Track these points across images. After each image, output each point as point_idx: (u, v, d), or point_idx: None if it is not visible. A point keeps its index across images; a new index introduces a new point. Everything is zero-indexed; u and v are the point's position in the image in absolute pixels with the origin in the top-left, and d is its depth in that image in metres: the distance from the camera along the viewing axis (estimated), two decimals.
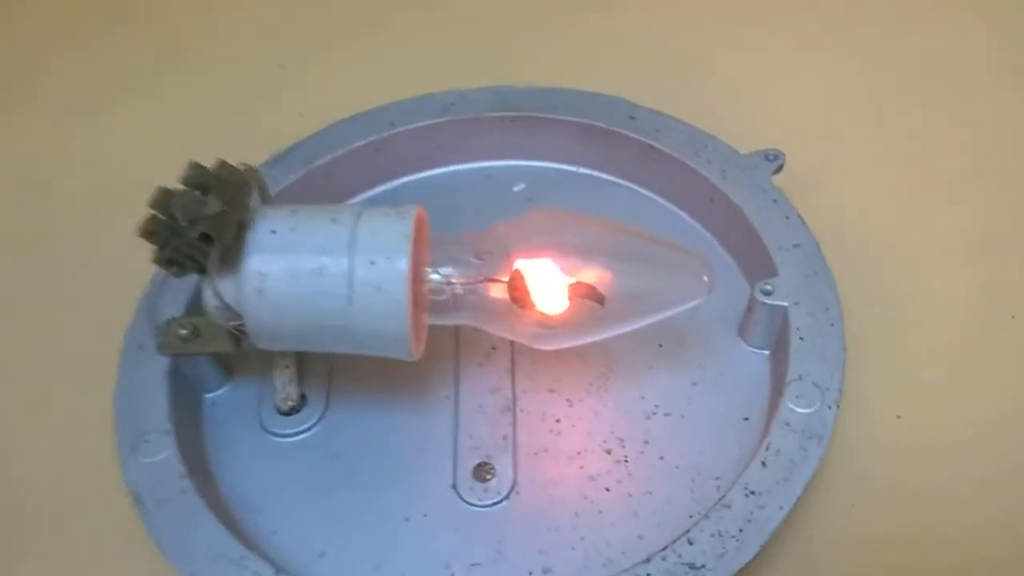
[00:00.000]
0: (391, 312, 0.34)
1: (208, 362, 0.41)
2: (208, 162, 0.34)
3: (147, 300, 0.42)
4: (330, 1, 0.66)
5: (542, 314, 0.37)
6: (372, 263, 0.34)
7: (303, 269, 0.34)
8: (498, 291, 0.37)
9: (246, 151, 0.45)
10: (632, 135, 0.47)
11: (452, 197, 0.50)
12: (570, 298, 0.36)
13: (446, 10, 0.64)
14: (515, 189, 0.50)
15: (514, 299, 0.37)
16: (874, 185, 0.50)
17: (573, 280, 0.36)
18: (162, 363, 0.40)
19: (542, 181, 0.50)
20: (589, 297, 0.36)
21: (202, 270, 0.34)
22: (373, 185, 0.51)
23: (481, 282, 0.36)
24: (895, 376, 0.42)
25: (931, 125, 0.53)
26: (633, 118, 0.48)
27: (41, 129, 0.59)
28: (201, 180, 0.33)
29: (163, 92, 0.60)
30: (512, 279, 0.36)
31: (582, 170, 0.50)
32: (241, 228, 0.34)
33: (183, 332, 0.39)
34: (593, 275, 0.36)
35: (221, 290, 0.35)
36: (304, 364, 0.42)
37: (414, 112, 0.50)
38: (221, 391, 0.42)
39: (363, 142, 0.49)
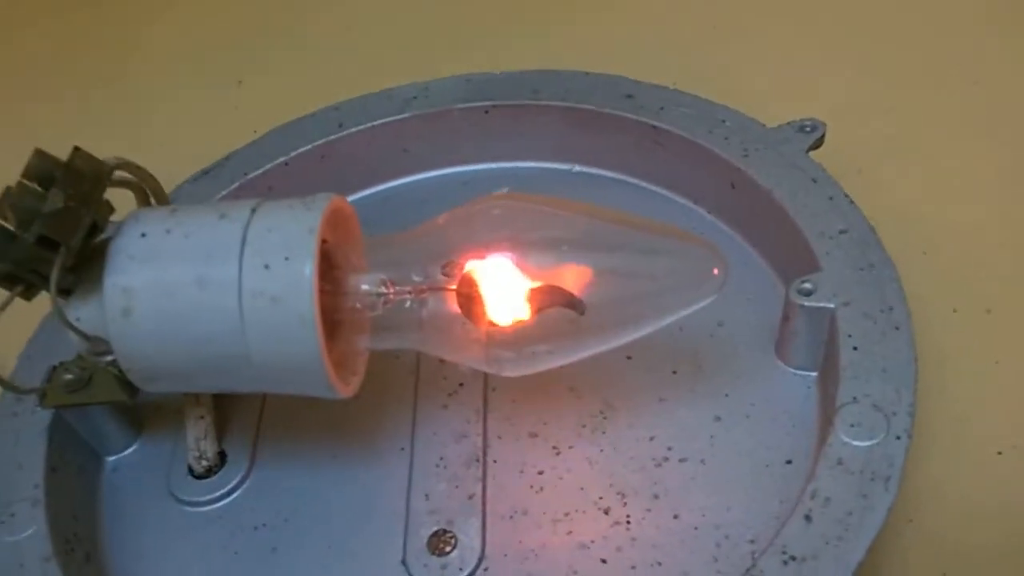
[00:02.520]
0: (294, 330, 0.27)
1: (110, 417, 0.35)
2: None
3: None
4: (290, 16, 0.63)
5: (502, 330, 0.29)
6: (266, 267, 0.27)
7: (180, 280, 0.27)
8: (444, 302, 0.30)
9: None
10: (630, 116, 0.40)
11: (421, 211, 0.44)
12: (538, 307, 0.29)
13: (413, 17, 0.60)
14: None
15: (465, 312, 0.30)
16: (945, 165, 0.43)
17: (541, 284, 0.29)
18: (42, 418, 0.33)
19: (529, 184, 0.44)
20: (563, 304, 0.29)
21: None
22: None
23: (420, 292, 0.29)
24: (992, 398, 0.34)
25: (1016, 92, 0.45)
26: (631, 96, 0.41)
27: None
28: (46, 172, 0.27)
29: (117, 109, 0.58)
30: (461, 286, 0.29)
31: (576, 167, 0.44)
32: (96, 230, 0.27)
33: (68, 378, 0.32)
34: (568, 276, 0.29)
35: (81, 315, 0.28)
36: (226, 412, 0.36)
37: (368, 110, 0.44)
38: (128, 452, 0.36)
39: (306, 148, 0.43)
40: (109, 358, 0.29)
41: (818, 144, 0.38)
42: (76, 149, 0.28)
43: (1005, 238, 0.39)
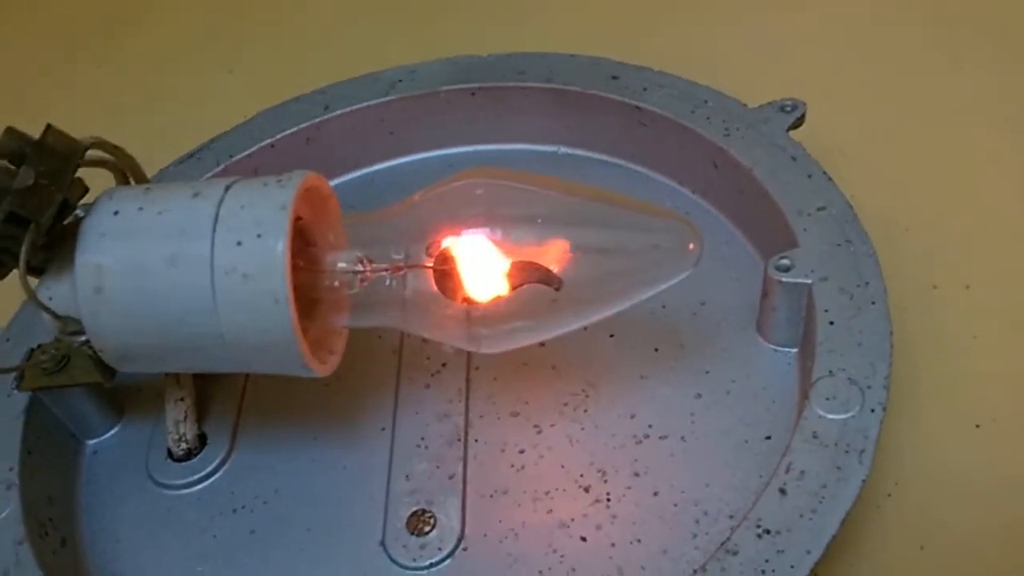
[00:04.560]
0: (267, 308, 0.27)
1: (89, 400, 0.35)
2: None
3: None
4: (281, 3, 0.63)
5: (480, 306, 0.29)
6: (239, 244, 0.27)
7: (153, 258, 0.27)
8: (422, 280, 0.30)
9: None
10: (615, 97, 0.40)
11: (407, 193, 0.43)
12: (515, 283, 0.29)
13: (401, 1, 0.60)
14: None
15: (442, 289, 0.29)
16: (929, 145, 0.43)
17: (517, 260, 0.29)
18: (19, 400, 0.33)
19: (515, 166, 0.44)
20: (539, 281, 0.29)
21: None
22: None
23: (397, 269, 0.29)
24: (970, 372, 0.34)
25: (997, 73, 0.45)
26: (616, 78, 0.41)
27: None
28: (17, 148, 0.27)
29: (105, 97, 0.58)
30: (438, 263, 0.29)
31: (562, 149, 0.43)
32: (67, 209, 0.27)
33: (45, 360, 0.32)
34: (544, 252, 0.29)
35: (54, 294, 0.28)
36: (208, 393, 0.36)
37: (354, 93, 0.44)
38: (108, 435, 0.36)
39: (292, 130, 0.43)
40: (82, 338, 0.29)
41: (798, 123, 0.37)
42: (48, 127, 0.28)
43: (985, 215, 0.39)
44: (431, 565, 0.30)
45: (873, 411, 0.27)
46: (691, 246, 0.29)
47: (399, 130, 0.44)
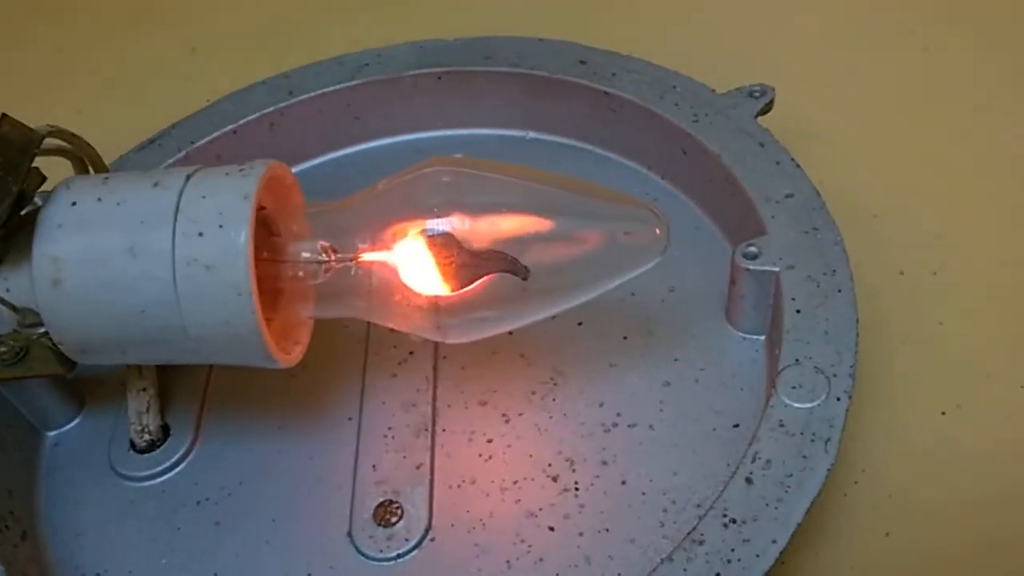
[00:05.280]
0: (230, 300, 0.27)
1: (50, 391, 0.35)
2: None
3: None
4: None
5: (446, 296, 0.29)
6: (200, 235, 0.27)
7: (112, 249, 0.27)
8: (388, 270, 0.29)
9: None
10: (583, 82, 0.40)
11: (374, 179, 0.43)
12: (482, 273, 0.29)
13: None
14: None
15: (408, 279, 0.29)
16: (898, 130, 0.43)
17: (484, 249, 0.29)
18: None
19: (483, 152, 0.44)
20: (507, 270, 0.29)
21: None
22: None
23: (361, 259, 0.29)
24: (936, 359, 0.34)
25: (967, 60, 0.45)
26: (584, 62, 0.41)
27: None
28: None
29: (61, 77, 0.56)
30: (403, 253, 0.29)
31: (531, 134, 0.43)
32: (24, 200, 0.27)
33: (3, 351, 0.31)
34: (511, 240, 0.29)
35: (11, 286, 0.28)
36: (171, 384, 0.35)
37: (319, 78, 0.43)
38: (69, 427, 0.36)
39: (255, 116, 0.42)
40: (41, 330, 0.28)
41: (767, 109, 0.38)
42: (3, 116, 0.27)
43: (954, 202, 0.39)
44: (398, 556, 0.30)
45: (839, 400, 0.28)
46: (658, 234, 0.29)
47: (365, 115, 0.44)
